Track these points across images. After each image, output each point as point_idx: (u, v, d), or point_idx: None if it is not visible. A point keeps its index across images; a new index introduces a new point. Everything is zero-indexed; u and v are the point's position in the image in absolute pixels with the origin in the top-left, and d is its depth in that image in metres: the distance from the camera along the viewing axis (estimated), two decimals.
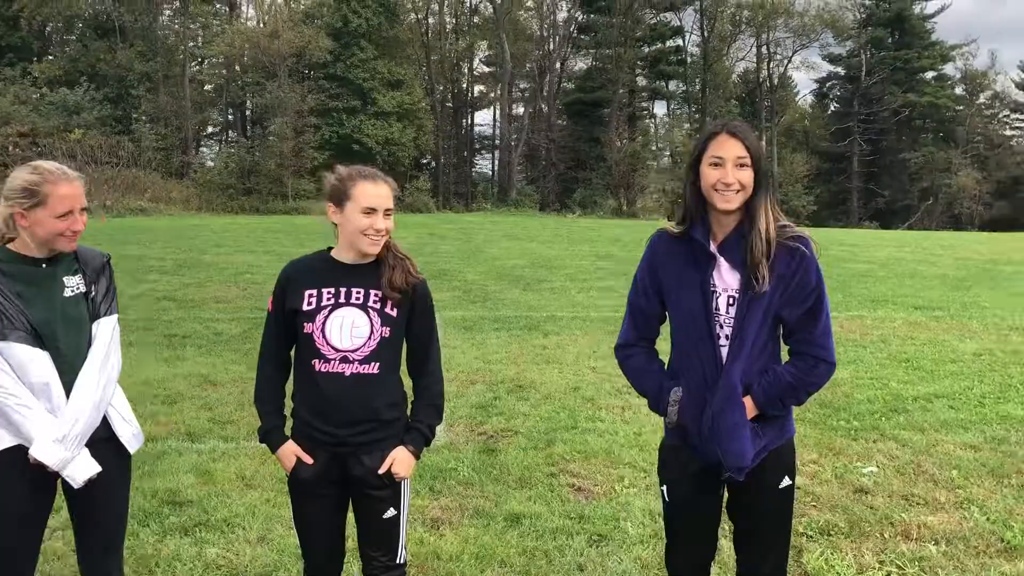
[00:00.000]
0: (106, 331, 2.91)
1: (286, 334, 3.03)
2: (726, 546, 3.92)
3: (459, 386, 7.90)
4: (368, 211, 2.89)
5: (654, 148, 60.96)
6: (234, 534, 4.55)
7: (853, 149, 60.05)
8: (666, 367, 2.92)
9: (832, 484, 5.38)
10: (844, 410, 7.04)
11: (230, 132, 54.05)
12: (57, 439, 2.71)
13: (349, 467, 2.97)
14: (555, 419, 6.76)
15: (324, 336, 2.93)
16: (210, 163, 47.51)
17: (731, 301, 2.71)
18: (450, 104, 59.50)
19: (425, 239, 23.99)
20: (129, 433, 3.00)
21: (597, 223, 37.90)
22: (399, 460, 2.99)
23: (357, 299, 2.96)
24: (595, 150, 53.07)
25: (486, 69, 62.26)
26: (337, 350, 2.93)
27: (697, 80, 60.07)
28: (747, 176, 2.64)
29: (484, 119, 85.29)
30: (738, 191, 2.64)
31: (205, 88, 52.08)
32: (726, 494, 2.92)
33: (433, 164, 56.65)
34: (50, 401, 2.74)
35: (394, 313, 2.98)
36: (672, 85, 62.39)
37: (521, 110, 61.98)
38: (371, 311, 2.95)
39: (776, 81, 61.40)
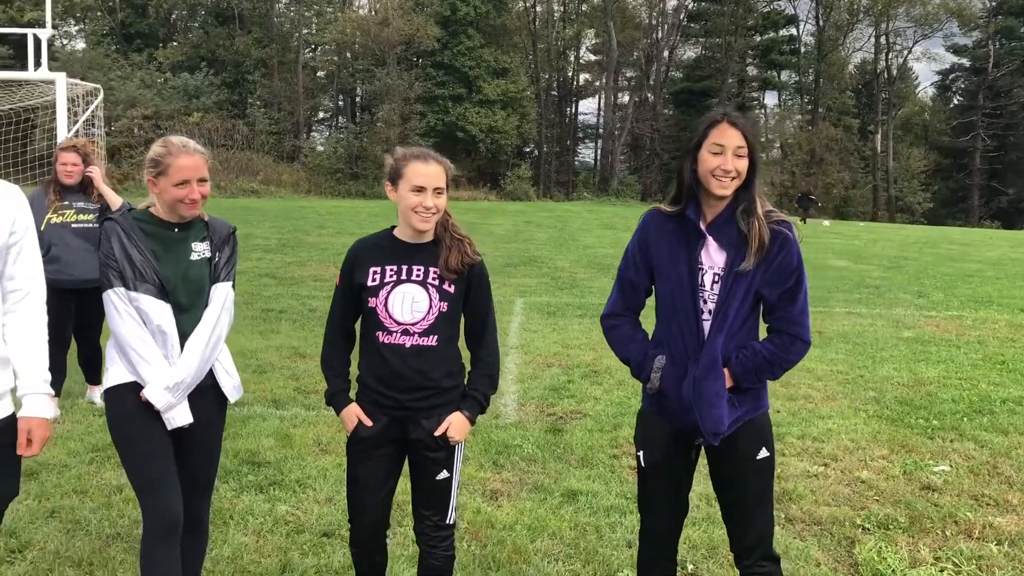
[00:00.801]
0: (221, 294, 3.17)
1: (352, 307, 3.25)
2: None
3: (535, 368, 8.06)
4: (417, 189, 3.05)
5: (763, 139, 59.57)
6: (304, 494, 4.83)
7: (976, 144, 57.26)
8: (650, 338, 3.05)
9: (899, 480, 5.30)
10: (924, 408, 6.88)
11: (340, 118, 55.53)
12: (168, 387, 3.00)
13: (408, 430, 3.17)
14: (626, 404, 6.83)
15: (387, 310, 3.13)
16: (320, 148, 48.99)
17: (716, 279, 2.84)
18: (555, 92, 59.52)
19: (521, 226, 24.25)
20: (231, 385, 3.27)
21: None
22: (455, 424, 3.17)
23: (417, 276, 3.14)
24: None
25: (592, 57, 62.06)
26: (398, 323, 3.13)
27: (811, 70, 58.31)
28: (744, 165, 2.79)
29: (588, 108, 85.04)
30: (734, 178, 2.78)
31: (317, 74, 53.65)
32: (709, 469, 3.04)
33: (535, 152, 56.85)
34: (165, 347, 3.04)
35: (452, 289, 3.16)
36: (784, 75, 60.78)
37: (626, 99, 61.48)
38: (430, 287, 3.13)
39: (895, 72, 59.09)
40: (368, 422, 3.18)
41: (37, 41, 11.22)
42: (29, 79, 11.86)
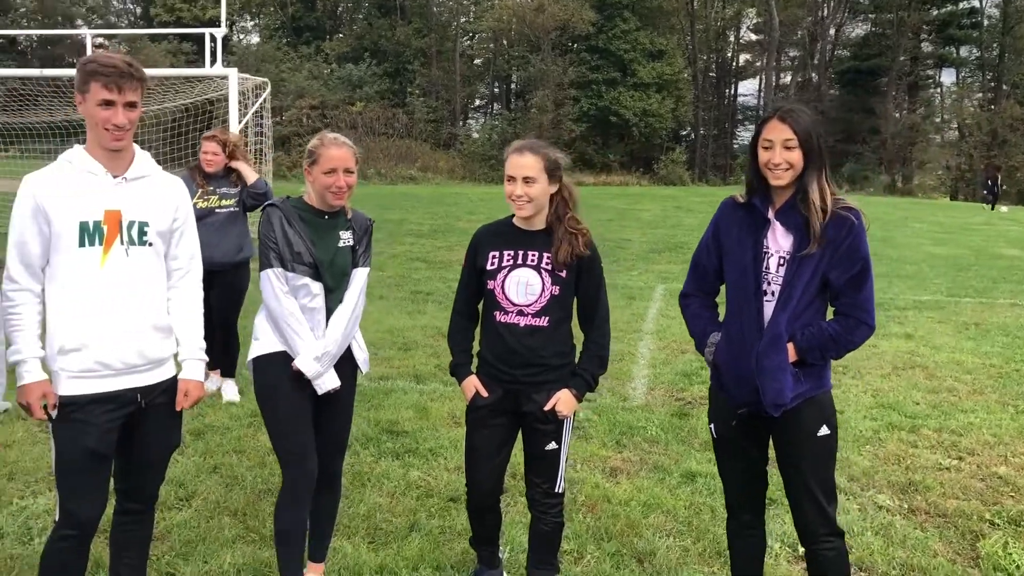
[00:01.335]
0: (361, 278, 3.55)
1: (475, 288, 3.54)
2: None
3: (669, 354, 8.13)
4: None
5: (938, 120, 56.05)
6: (436, 462, 5.17)
7: None
8: (721, 319, 3.23)
9: None
10: None
11: (495, 104, 56.50)
12: (316, 357, 3.39)
13: (520, 403, 3.43)
14: None
15: (503, 292, 3.40)
16: (475, 135, 50.06)
17: (781, 261, 2.98)
18: (713, 74, 58.22)
19: (670, 212, 24.03)
20: (363, 357, 3.66)
21: (864, 201, 35.74)
22: (563, 400, 3.40)
23: (532, 261, 3.39)
24: (868, 121, 49.81)
25: (753, 37, 60.19)
26: (514, 304, 3.39)
27: (994, 45, 54.29)
28: (795, 156, 2.91)
29: (748, 89, 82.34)
30: (787, 169, 2.92)
31: (474, 62, 54.76)
32: (774, 447, 3.16)
33: (691, 136, 55.85)
34: (313, 322, 3.42)
35: (563, 274, 3.38)
36: (964, 51, 56.84)
37: (788, 79, 59.31)
38: (543, 272, 3.37)
39: None
40: (485, 393, 3.46)
41: (213, 39, 12.19)
42: (206, 75, 12.93)
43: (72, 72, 4.91)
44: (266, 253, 3.39)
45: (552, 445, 3.45)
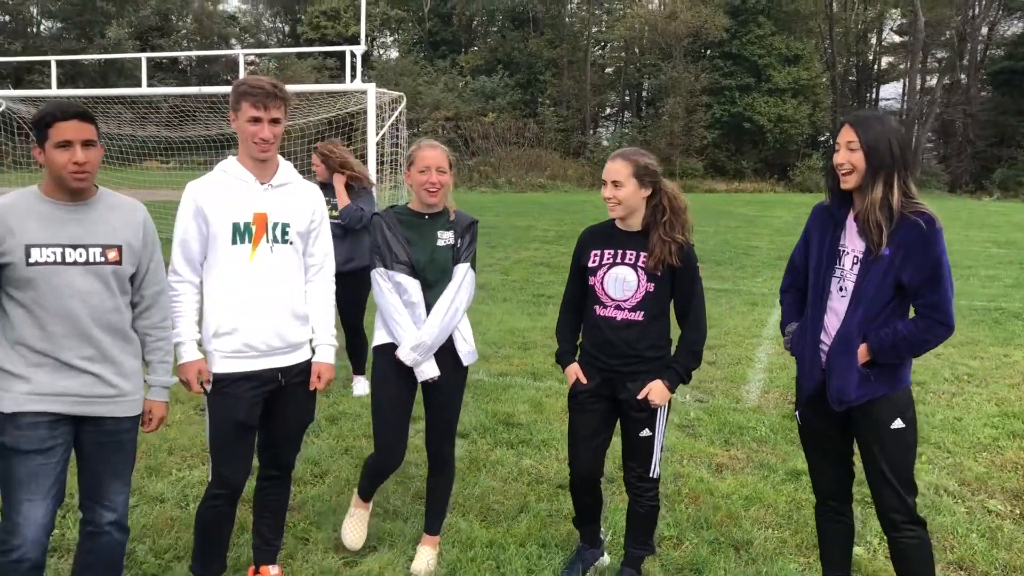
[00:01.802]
0: (460, 273, 3.87)
1: (580, 284, 3.83)
2: None
3: (788, 359, 8.12)
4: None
5: None
6: (548, 452, 5.48)
7: None
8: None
9: None
10: None
11: (625, 112, 56.48)
12: (413, 347, 3.76)
13: (617, 390, 3.70)
14: None
15: (603, 287, 3.69)
16: (604, 142, 50.21)
17: (855, 261, 3.13)
18: (853, 78, 56.29)
19: (802, 219, 23.28)
20: (465, 350, 3.94)
21: (1009, 207, 33.83)
22: (655, 390, 3.63)
23: (629, 260, 3.66)
24: None
25: (896, 39, 57.79)
26: (612, 299, 3.67)
27: None
28: (856, 158, 3.08)
29: (890, 93, 78.96)
30: (849, 171, 3.08)
31: (605, 71, 54.95)
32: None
33: (830, 141, 54.06)
34: (414, 313, 3.80)
35: (659, 273, 3.62)
36: None
37: (934, 81, 56.58)
38: (640, 270, 3.64)
39: None
40: (584, 380, 3.74)
41: (353, 56, 12.95)
42: (346, 90, 13.73)
43: (226, 89, 5.45)
44: (373, 256, 3.82)
45: (646, 432, 3.69)
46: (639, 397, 3.64)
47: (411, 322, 3.77)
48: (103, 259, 2.93)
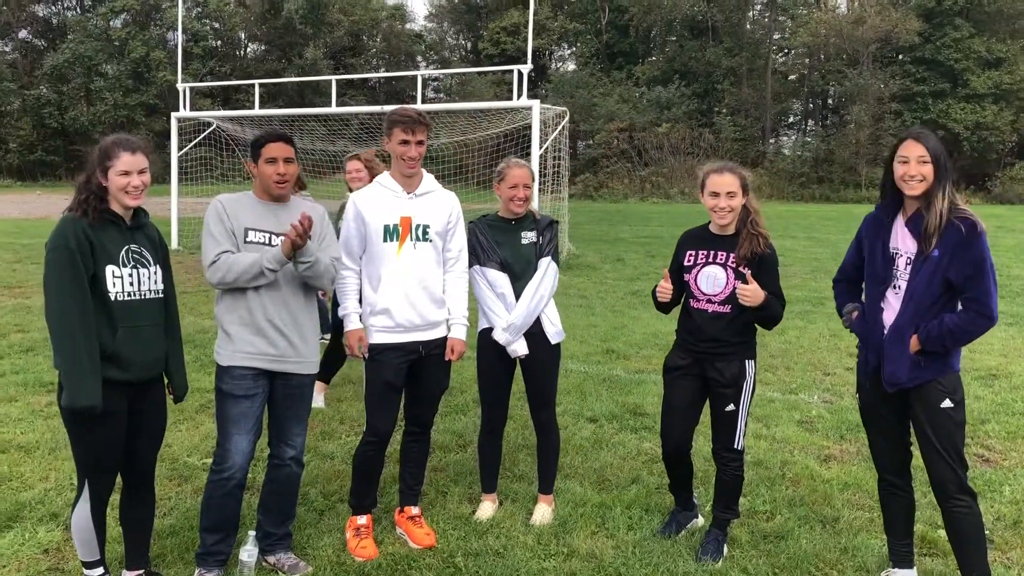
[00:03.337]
0: (544, 266, 4.58)
1: (677, 283, 4.40)
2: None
3: None
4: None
5: None
6: None
7: None
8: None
9: None
10: None
11: (808, 121, 54.88)
12: (504, 328, 4.50)
13: (706, 369, 4.27)
14: (1007, 405, 6.85)
15: (696, 284, 4.27)
16: (786, 151, 49.04)
17: (907, 262, 3.54)
18: None
19: (989, 232, 22.28)
20: (553, 331, 4.65)
21: None
22: (753, 287, 4.08)
23: (720, 260, 4.22)
24: None
25: None
26: (704, 294, 4.24)
27: None
28: (927, 170, 3.47)
29: None
30: (920, 181, 3.48)
31: (788, 78, 53.62)
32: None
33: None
34: (505, 302, 4.53)
35: (746, 268, 4.14)
36: None
37: None
38: (728, 268, 4.19)
39: None
40: (677, 360, 4.31)
41: (520, 74, 13.88)
42: (512, 107, 14.69)
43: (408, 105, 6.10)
44: (470, 256, 4.54)
45: (731, 407, 4.22)
46: (739, 285, 4.07)
47: (503, 308, 4.51)
48: None
